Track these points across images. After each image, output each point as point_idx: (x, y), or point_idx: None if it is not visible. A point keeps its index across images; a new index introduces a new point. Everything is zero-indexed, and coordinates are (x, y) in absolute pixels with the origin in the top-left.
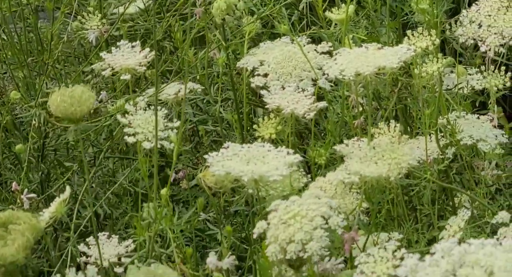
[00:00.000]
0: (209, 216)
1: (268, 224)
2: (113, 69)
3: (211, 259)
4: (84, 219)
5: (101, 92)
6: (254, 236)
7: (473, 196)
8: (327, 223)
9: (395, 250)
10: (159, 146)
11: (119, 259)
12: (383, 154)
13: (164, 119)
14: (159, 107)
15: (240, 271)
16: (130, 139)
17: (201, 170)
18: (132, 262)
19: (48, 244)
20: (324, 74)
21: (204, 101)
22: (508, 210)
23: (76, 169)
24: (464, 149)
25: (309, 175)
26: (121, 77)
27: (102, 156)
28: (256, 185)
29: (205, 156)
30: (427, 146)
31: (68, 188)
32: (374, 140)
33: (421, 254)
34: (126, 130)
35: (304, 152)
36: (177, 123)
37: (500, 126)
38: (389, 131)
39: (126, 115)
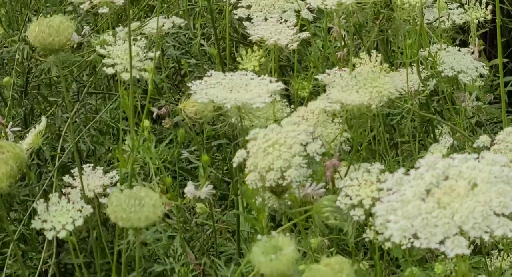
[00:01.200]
0: (191, 152)
1: (248, 152)
2: (91, 2)
3: (189, 188)
4: (67, 154)
5: (84, 27)
6: (234, 165)
7: (454, 127)
8: (305, 150)
9: (379, 174)
10: (138, 77)
11: (104, 189)
12: (364, 83)
13: (144, 49)
14: (138, 38)
15: (222, 206)
16: (109, 70)
17: (181, 101)
18: None
19: (32, 180)
20: (306, 4)
21: (187, 36)
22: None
23: (60, 104)
24: (445, 81)
25: (292, 106)
26: (99, 11)
27: (85, 91)
28: (239, 113)
29: (189, 84)
30: (408, 77)
31: (43, 118)
32: (356, 70)
33: None
34: (105, 61)
35: (287, 86)
36: (157, 53)
37: None
38: (371, 61)
39: (105, 46)
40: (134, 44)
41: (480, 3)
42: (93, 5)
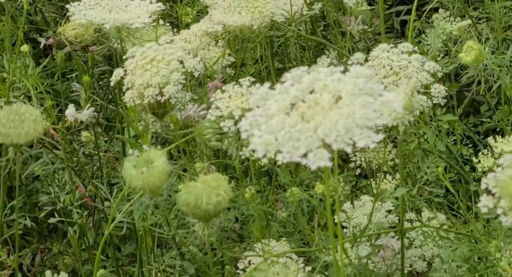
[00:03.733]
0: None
1: (125, 71)
2: None
3: (70, 111)
4: None
5: None
6: (112, 84)
7: (340, 51)
8: (184, 66)
9: (250, 86)
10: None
11: None
12: (246, 4)
13: None
14: None
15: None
16: None
17: (62, 24)
18: None
19: None
20: None
21: None
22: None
23: None
24: (331, 5)
25: (175, 30)
26: None
27: None
28: (119, 34)
29: (67, 6)
30: (292, 1)
31: None
32: None
33: None
34: None
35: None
36: None
37: None
38: None
39: None
40: None
41: None
42: None
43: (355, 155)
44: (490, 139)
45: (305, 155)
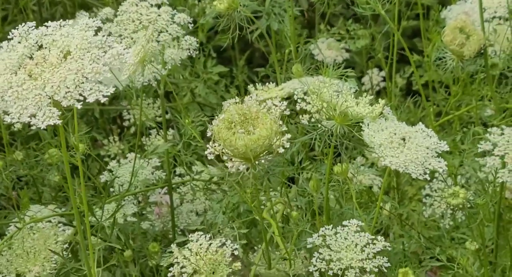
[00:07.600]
0: None
1: None
2: None
3: None
4: None
5: None
6: None
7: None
8: None
9: None
10: None
11: None
12: None
13: None
14: None
15: None
16: None
17: None
18: None
19: None
20: None
21: None
22: None
23: None
24: None
25: None
26: None
27: None
28: None
29: None
30: None
31: None
32: None
33: None
34: None
35: None
36: None
37: None
38: None
39: None
40: None
41: None
42: None
43: (129, 113)
44: (251, 87)
45: (34, 115)
